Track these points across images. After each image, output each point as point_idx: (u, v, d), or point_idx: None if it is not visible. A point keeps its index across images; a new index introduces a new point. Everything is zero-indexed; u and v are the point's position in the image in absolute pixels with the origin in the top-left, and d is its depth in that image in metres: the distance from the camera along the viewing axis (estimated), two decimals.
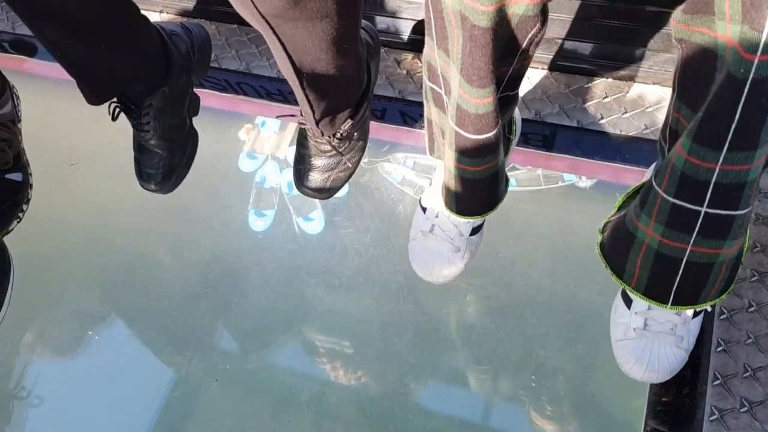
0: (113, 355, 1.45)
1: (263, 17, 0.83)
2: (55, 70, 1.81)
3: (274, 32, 0.87)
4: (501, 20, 0.79)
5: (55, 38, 1.06)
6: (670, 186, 0.82)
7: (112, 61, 1.13)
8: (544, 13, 0.83)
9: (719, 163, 0.75)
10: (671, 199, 0.82)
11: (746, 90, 0.68)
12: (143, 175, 1.34)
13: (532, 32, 0.84)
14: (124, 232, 1.57)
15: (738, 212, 0.81)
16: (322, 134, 1.17)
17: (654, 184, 0.85)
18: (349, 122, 1.17)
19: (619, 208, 1.03)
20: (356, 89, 1.15)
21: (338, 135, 1.18)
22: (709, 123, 0.73)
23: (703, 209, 0.80)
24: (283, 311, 1.45)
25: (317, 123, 1.12)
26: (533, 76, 1.52)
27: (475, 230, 1.21)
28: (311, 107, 1.06)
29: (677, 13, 0.74)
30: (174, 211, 1.56)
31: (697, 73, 0.75)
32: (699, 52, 0.74)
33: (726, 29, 0.68)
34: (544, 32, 0.87)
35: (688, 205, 0.81)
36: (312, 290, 1.46)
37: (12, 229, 1.36)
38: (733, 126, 0.71)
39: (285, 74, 0.98)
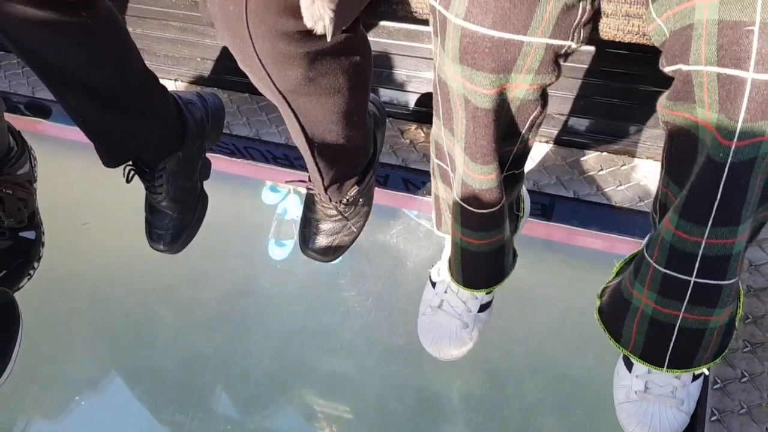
0: (115, 412, 1.46)
1: (280, 92, 0.89)
2: (68, 131, 1.88)
3: (290, 106, 0.93)
4: (502, 103, 0.85)
5: (77, 105, 1.12)
6: (661, 257, 0.86)
7: (130, 127, 1.18)
8: (543, 98, 0.89)
9: (705, 238, 0.79)
10: (662, 269, 0.86)
11: (725, 172, 0.73)
12: (153, 235, 1.38)
13: (533, 115, 0.90)
14: (133, 291, 1.59)
15: (725, 282, 0.85)
16: (330, 200, 1.22)
17: (646, 254, 0.90)
18: (356, 188, 1.22)
19: (617, 274, 1.07)
20: (363, 158, 1.21)
21: (344, 201, 1.23)
22: (694, 201, 0.78)
23: (692, 279, 0.84)
24: (284, 372, 1.47)
25: (326, 189, 1.17)
26: (533, 149, 1.59)
27: (484, 307, 1.23)
28: (321, 174, 1.12)
29: (662, 99, 0.80)
30: (180, 271, 1.59)
31: (681, 153, 0.81)
32: (683, 135, 0.79)
33: (706, 116, 0.73)
34: (545, 115, 0.92)
35: (678, 275, 0.85)
36: (314, 351, 1.47)
37: (23, 286, 1.39)
38: (716, 204, 0.76)
39: (297, 143, 1.04)
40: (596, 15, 0.83)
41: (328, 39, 0.80)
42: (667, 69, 0.77)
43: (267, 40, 0.80)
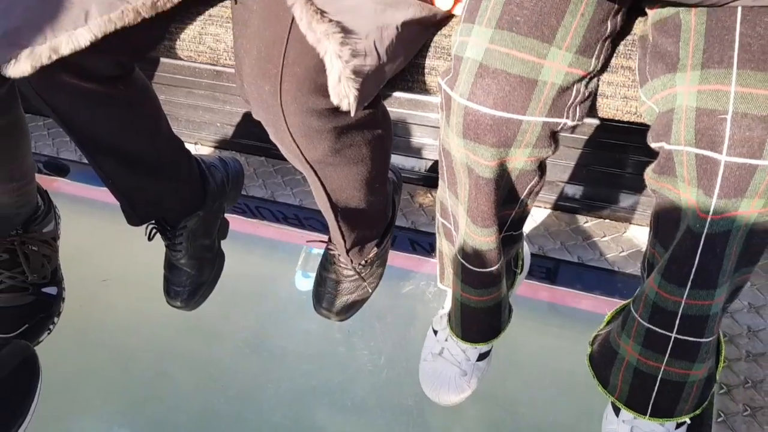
0: None
1: (308, 163, 0.96)
2: (84, 189, 1.95)
3: (317, 174, 1.00)
4: (502, 172, 0.92)
5: (109, 168, 1.19)
6: (645, 313, 0.92)
7: (156, 188, 1.25)
8: (541, 168, 0.96)
9: (684, 298, 0.86)
10: (646, 324, 0.92)
11: (702, 241, 0.80)
12: (171, 292, 1.43)
13: (531, 183, 0.97)
14: (149, 347, 1.63)
15: (704, 340, 0.91)
16: (351, 261, 1.27)
17: (632, 309, 0.96)
18: (375, 250, 1.28)
19: (607, 323, 1.12)
20: (383, 222, 1.27)
21: (363, 262, 1.29)
22: (674, 264, 0.85)
23: (673, 335, 0.90)
24: (296, 430, 1.49)
25: (348, 251, 1.23)
26: (537, 214, 1.65)
27: (482, 356, 1.28)
28: (343, 237, 1.18)
29: (649, 170, 0.87)
30: (196, 328, 1.63)
31: (666, 218, 0.87)
32: (667, 203, 0.86)
33: (686, 189, 0.80)
34: (543, 184, 0.99)
35: (660, 330, 0.91)
36: (325, 409, 1.50)
37: (42, 341, 1.43)
38: (694, 269, 0.83)
39: (322, 208, 1.10)
40: (592, 96, 0.90)
41: (352, 114, 0.87)
42: (653, 145, 0.84)
43: (298, 117, 0.88)
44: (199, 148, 1.96)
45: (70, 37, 0.90)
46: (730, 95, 0.74)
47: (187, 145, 1.30)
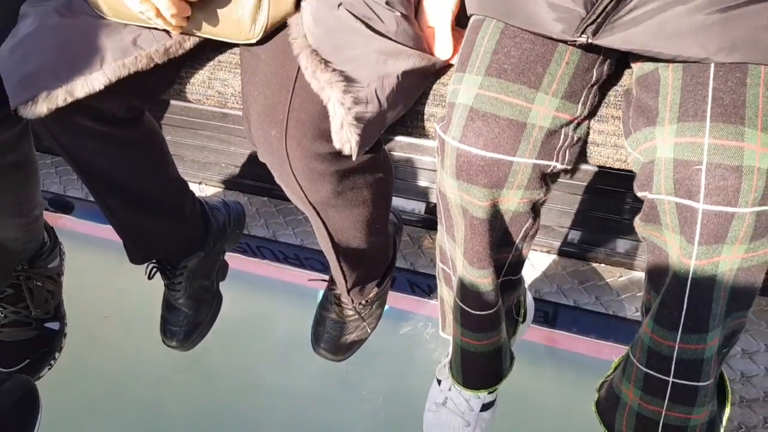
0: None
1: (311, 204, 0.99)
2: (88, 227, 1.98)
3: (319, 216, 1.03)
4: (496, 214, 0.95)
5: (115, 207, 1.21)
6: (642, 358, 0.94)
7: (160, 228, 1.27)
8: (534, 211, 0.99)
9: (677, 342, 0.88)
10: (644, 369, 0.94)
11: (688, 286, 0.83)
12: (167, 332, 1.44)
13: (526, 226, 0.99)
14: (148, 384, 1.64)
15: (701, 384, 0.92)
16: (352, 301, 1.29)
17: (631, 354, 0.97)
18: (376, 290, 1.30)
19: (614, 369, 1.13)
20: (384, 262, 1.30)
21: (363, 302, 1.31)
22: (665, 309, 0.87)
23: (671, 379, 0.92)
24: None
25: (349, 291, 1.25)
26: (534, 258, 1.68)
27: (486, 407, 1.27)
28: (345, 277, 1.20)
29: (637, 219, 0.90)
30: (194, 366, 1.64)
31: (655, 264, 0.90)
32: (656, 249, 0.89)
33: (670, 236, 0.83)
34: (537, 227, 1.02)
35: (658, 375, 0.93)
36: None
37: (43, 375, 1.44)
38: (683, 313, 0.85)
39: (324, 249, 1.13)
40: (581, 141, 0.94)
41: (354, 159, 0.91)
42: (639, 194, 0.87)
43: (302, 160, 0.91)
44: (204, 187, 2.00)
45: (86, 80, 0.94)
46: (704, 147, 0.77)
47: (192, 185, 1.34)
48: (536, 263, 1.67)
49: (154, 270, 1.38)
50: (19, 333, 1.43)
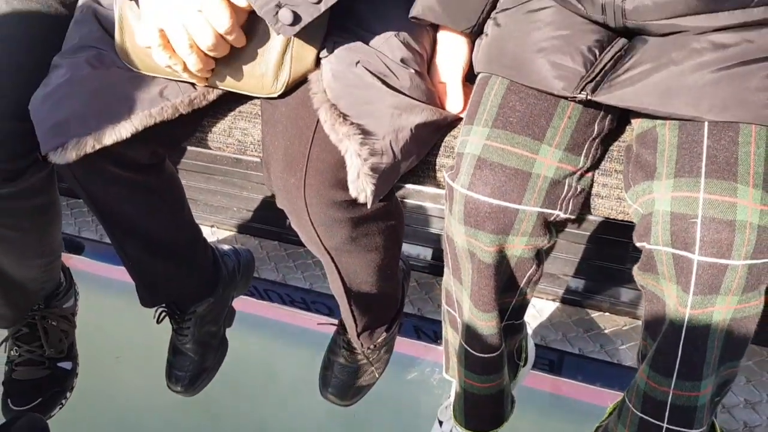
0: None
1: (326, 249, 1.03)
2: (101, 268, 2.01)
3: (333, 261, 1.07)
4: (502, 259, 0.98)
5: (131, 250, 1.24)
6: (637, 402, 0.96)
7: (172, 273, 1.30)
8: (539, 257, 1.03)
9: (671, 388, 0.90)
10: (638, 414, 0.96)
11: (683, 334, 0.86)
12: (172, 377, 1.45)
13: (530, 272, 1.03)
14: (158, 425, 1.65)
15: (693, 431, 0.93)
16: (361, 345, 1.32)
17: (626, 399, 1.00)
18: (384, 335, 1.32)
19: (609, 414, 1.15)
20: (393, 307, 1.33)
21: (371, 346, 1.33)
22: (660, 355, 0.90)
23: (664, 425, 0.94)
24: None
25: (358, 335, 1.28)
26: (540, 306, 1.70)
27: None
28: (355, 321, 1.23)
29: (635, 268, 0.94)
30: (203, 410, 1.65)
31: (652, 312, 0.93)
32: (653, 298, 0.92)
33: (667, 285, 0.87)
34: (541, 273, 1.05)
35: (652, 420, 0.95)
36: None
37: (54, 414, 1.46)
38: (678, 360, 0.88)
39: (335, 292, 1.16)
40: (585, 192, 0.99)
41: (368, 207, 0.95)
42: (638, 244, 0.91)
43: (319, 207, 0.95)
44: (216, 231, 2.04)
45: (114, 129, 0.99)
46: (699, 201, 0.82)
47: (204, 228, 1.37)
48: (542, 311, 1.69)
49: (164, 314, 1.41)
50: (32, 372, 1.46)
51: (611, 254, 1.62)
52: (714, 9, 0.84)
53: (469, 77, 1.08)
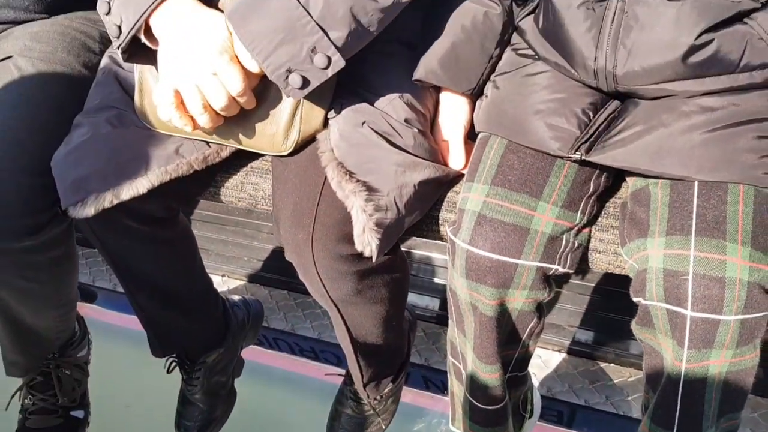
0: None
1: (333, 301, 1.06)
2: (113, 316, 2.04)
3: (340, 312, 1.10)
4: (503, 312, 1.01)
5: (144, 301, 1.28)
6: None
7: (184, 323, 1.33)
8: (539, 310, 1.05)
9: None
10: None
11: (680, 388, 0.88)
12: (181, 427, 1.47)
13: (531, 325, 1.05)
14: None
15: None
16: (368, 396, 1.34)
17: None
18: (390, 386, 1.34)
19: None
20: (399, 358, 1.35)
21: (378, 397, 1.35)
22: (660, 408, 0.92)
23: None
24: None
25: (365, 386, 1.30)
26: (546, 356, 1.71)
27: None
28: (361, 371, 1.25)
29: (633, 323, 0.96)
30: None
31: (651, 365, 0.95)
32: (652, 351, 0.94)
33: (663, 340, 0.90)
34: (542, 326, 1.08)
35: None
36: None
37: None
38: (677, 413, 0.90)
39: (342, 343, 1.19)
40: (582, 247, 1.02)
41: (374, 260, 0.99)
42: (634, 299, 0.94)
43: (326, 261, 0.99)
44: (227, 280, 2.08)
45: (131, 184, 1.04)
46: (690, 259, 0.85)
47: (215, 277, 1.40)
48: (548, 361, 1.70)
49: (174, 364, 1.43)
50: (45, 420, 1.48)
51: (616, 306, 1.64)
52: (700, 75, 0.89)
53: (471, 135, 1.12)
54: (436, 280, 1.89)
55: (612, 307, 1.65)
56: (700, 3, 0.87)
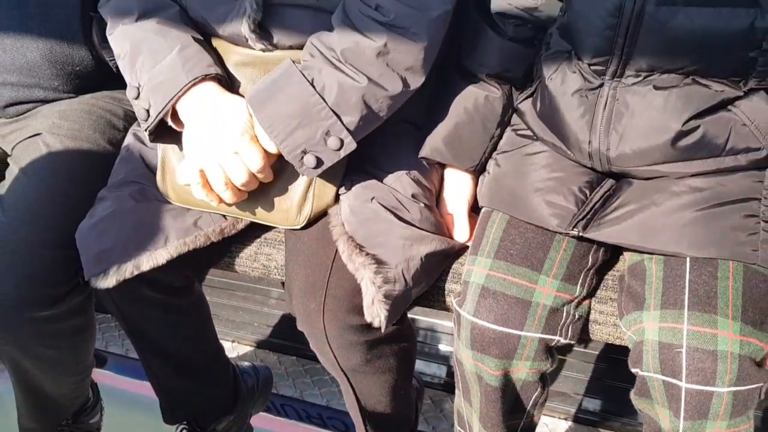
0: None
1: (342, 370, 1.10)
2: (120, 381, 2.05)
3: (349, 381, 1.13)
4: (507, 382, 1.04)
5: (158, 368, 1.31)
6: None
7: (196, 391, 1.36)
8: (543, 381, 1.08)
9: None
10: None
11: None
12: None
13: (535, 395, 1.08)
14: None
15: None
16: None
17: None
18: None
19: None
20: (407, 426, 1.36)
21: None
22: None
23: None
24: None
25: None
26: (552, 424, 1.72)
27: None
28: None
29: (632, 393, 0.99)
30: None
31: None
32: (651, 421, 0.96)
33: (660, 410, 0.92)
34: (547, 395, 1.11)
35: None
36: None
37: None
38: None
39: (351, 411, 1.21)
40: (583, 318, 1.05)
41: (382, 330, 1.03)
42: (632, 369, 0.97)
43: (337, 331, 1.03)
44: (236, 345, 2.10)
45: (151, 255, 1.09)
46: (683, 332, 0.89)
47: (225, 343, 1.42)
48: (554, 429, 1.71)
49: (184, 431, 1.44)
50: None
51: (621, 373, 1.65)
52: (689, 158, 0.95)
53: (475, 208, 1.18)
54: (443, 347, 1.92)
55: (617, 376, 1.67)
56: (686, 92, 0.93)
